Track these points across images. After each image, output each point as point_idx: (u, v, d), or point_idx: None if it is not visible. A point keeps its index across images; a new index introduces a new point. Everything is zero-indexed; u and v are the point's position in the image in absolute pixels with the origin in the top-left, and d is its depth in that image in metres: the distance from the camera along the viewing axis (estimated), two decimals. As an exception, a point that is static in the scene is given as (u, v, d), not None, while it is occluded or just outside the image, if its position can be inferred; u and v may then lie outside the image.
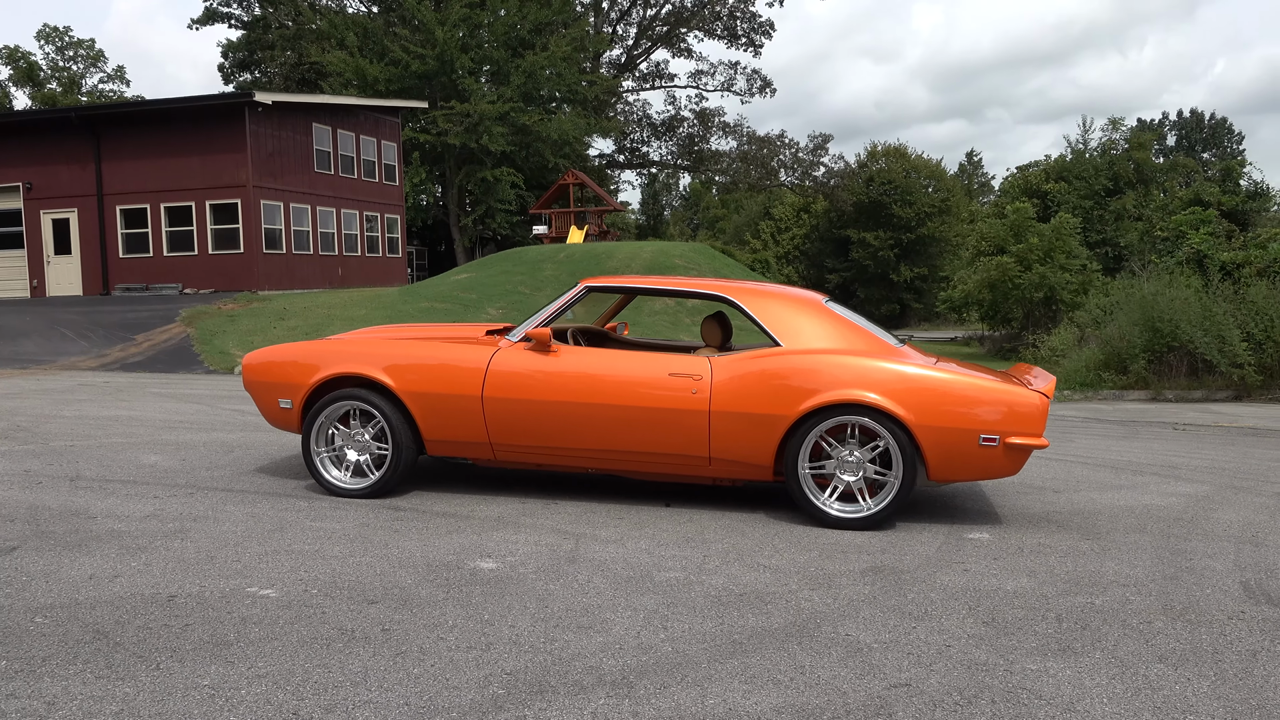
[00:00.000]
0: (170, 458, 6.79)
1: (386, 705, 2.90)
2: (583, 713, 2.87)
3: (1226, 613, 3.89)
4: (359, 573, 4.18)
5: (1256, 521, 5.58)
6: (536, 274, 21.51)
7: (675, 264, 22.19)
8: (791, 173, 51.88)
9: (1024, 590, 4.14)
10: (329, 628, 3.52)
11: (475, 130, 34.84)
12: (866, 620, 3.72)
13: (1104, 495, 6.28)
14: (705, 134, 52.15)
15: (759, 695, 3.00)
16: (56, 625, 3.49)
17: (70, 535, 4.68)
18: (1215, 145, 72.59)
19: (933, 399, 5.08)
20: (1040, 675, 3.21)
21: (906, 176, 52.86)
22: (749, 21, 52.54)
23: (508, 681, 3.08)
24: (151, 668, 3.14)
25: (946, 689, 3.08)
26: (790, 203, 58.30)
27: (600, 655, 3.31)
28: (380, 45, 36.52)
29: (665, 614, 3.75)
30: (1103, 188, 36.80)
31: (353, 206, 26.68)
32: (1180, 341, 13.82)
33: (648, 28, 52.53)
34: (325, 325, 18.04)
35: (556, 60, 37.00)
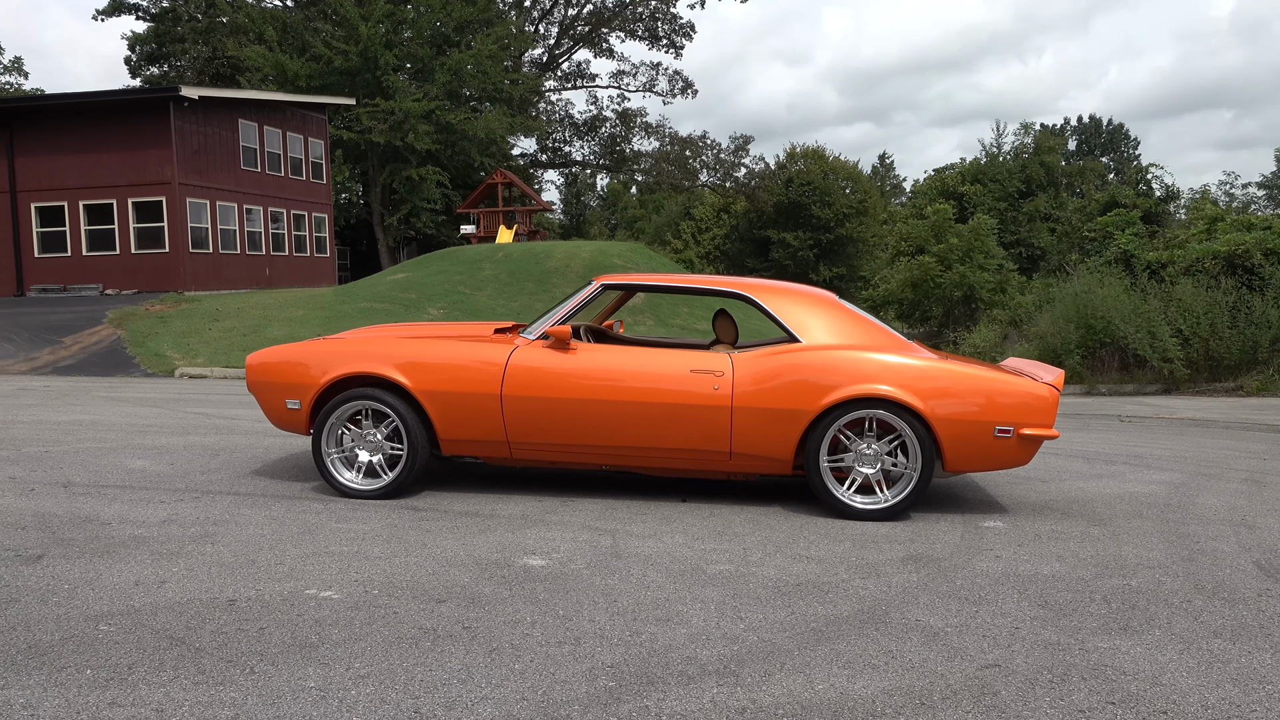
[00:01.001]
0: (156, 462, 6.60)
1: (504, 700, 2.90)
2: (701, 701, 2.92)
3: (1254, 590, 4.12)
4: (410, 573, 4.15)
5: (1239, 506, 5.89)
6: (475, 274, 21.34)
7: (614, 263, 22.24)
8: (713, 173, 52.39)
9: (1060, 574, 4.32)
10: (409, 627, 3.49)
11: (400, 128, 34.33)
12: (928, 606, 3.84)
13: (1089, 484, 6.54)
14: (627, 134, 52.35)
15: (863, 680, 3.09)
16: (125, 632, 3.40)
17: (93, 542, 4.54)
18: (1113, 149, 75.56)
19: (950, 392, 5.24)
20: (1114, 653, 3.36)
21: (825, 178, 53.81)
22: (670, 23, 52.85)
23: (613, 674, 3.11)
24: (245, 672, 3.08)
25: (1035, 668, 3.21)
26: (710, 203, 58.86)
27: (691, 646, 3.36)
28: (301, 40, 35.74)
29: (734, 605, 3.81)
30: (1016, 190, 38.03)
31: (280, 205, 26.09)
32: (1113, 337, 14.40)
33: (569, 27, 52.49)
34: (262, 326, 17.64)
35: (481, 58, 36.72)
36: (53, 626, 3.45)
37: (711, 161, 51.76)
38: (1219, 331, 13.94)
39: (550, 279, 21.08)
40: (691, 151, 51.29)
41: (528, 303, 19.99)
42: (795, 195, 52.50)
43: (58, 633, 3.39)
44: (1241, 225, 16.87)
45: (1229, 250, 15.18)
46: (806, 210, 52.41)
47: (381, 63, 34.55)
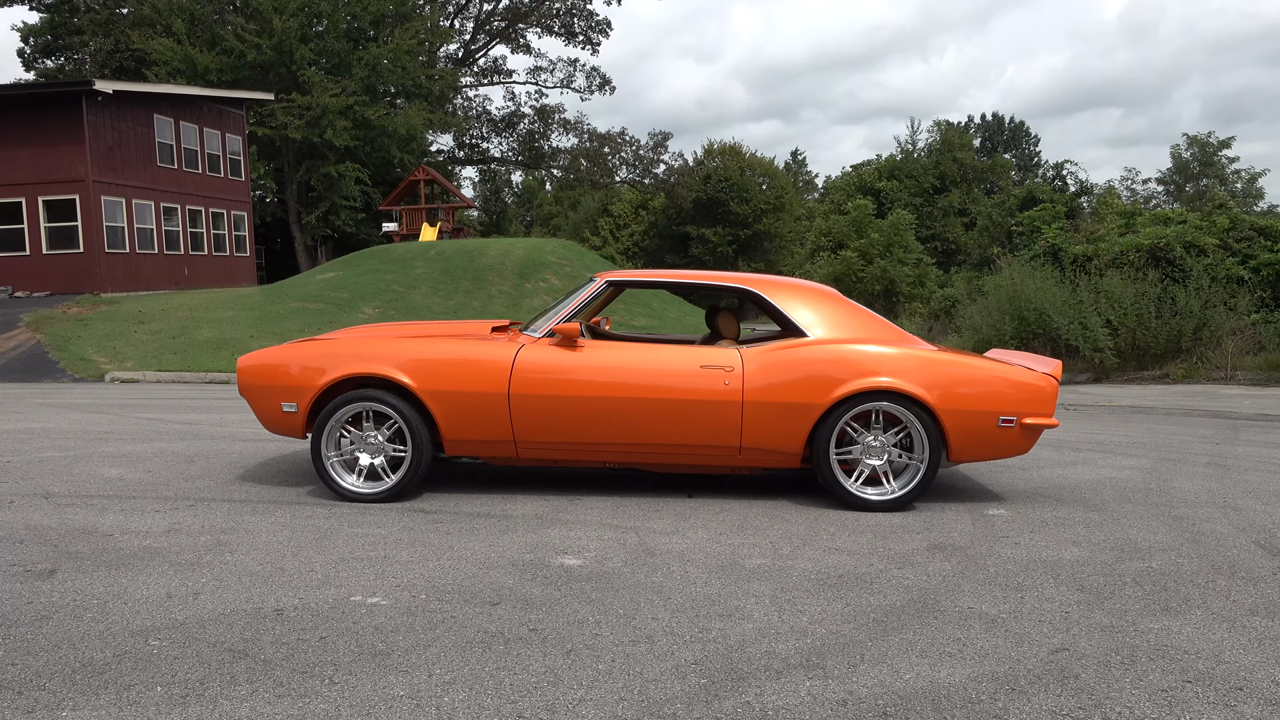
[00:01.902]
0: (132, 470, 6.35)
1: (604, 701, 2.88)
2: (798, 694, 2.93)
3: (1268, 570, 4.31)
4: (450, 576, 4.08)
5: (1215, 489, 6.15)
6: (408, 272, 21.00)
7: (549, 260, 22.12)
8: (632, 170, 52.48)
9: (1083, 559, 4.45)
10: (474, 631, 3.44)
11: (318, 124, 33.61)
12: (973, 594, 3.92)
13: (1067, 471, 6.76)
14: (545, 131, 52.11)
15: (946, 668, 3.15)
16: (179, 647, 3.27)
17: (102, 555, 4.35)
18: (1015, 146, 77.90)
19: (955, 383, 5.36)
20: (1168, 633, 3.48)
21: (742, 174, 54.40)
22: (586, 19, 52.70)
23: (700, 671, 3.11)
24: (325, 683, 2.99)
25: (1103, 650, 3.31)
26: (629, 199, 59.03)
27: (764, 640, 3.37)
28: (211, 33, 34.68)
29: (788, 598, 3.84)
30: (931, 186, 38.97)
31: (198, 203, 25.26)
32: (1046, 328, 14.88)
33: (485, 22, 52.00)
34: (191, 328, 17.10)
35: (400, 53, 36.16)
36: (99, 643, 3.30)
37: (630, 158, 51.85)
38: (1146, 322, 14.52)
39: (486, 277, 20.87)
40: (610, 148, 51.31)
41: (464, 300, 19.77)
42: (713, 191, 52.95)
43: (108, 650, 3.24)
44: (1159, 219, 17.59)
45: (1151, 243, 15.82)
46: (725, 206, 52.91)
47: (297, 57, 33.77)
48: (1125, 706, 2.86)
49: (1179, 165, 44.81)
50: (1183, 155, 45.01)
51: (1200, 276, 14.87)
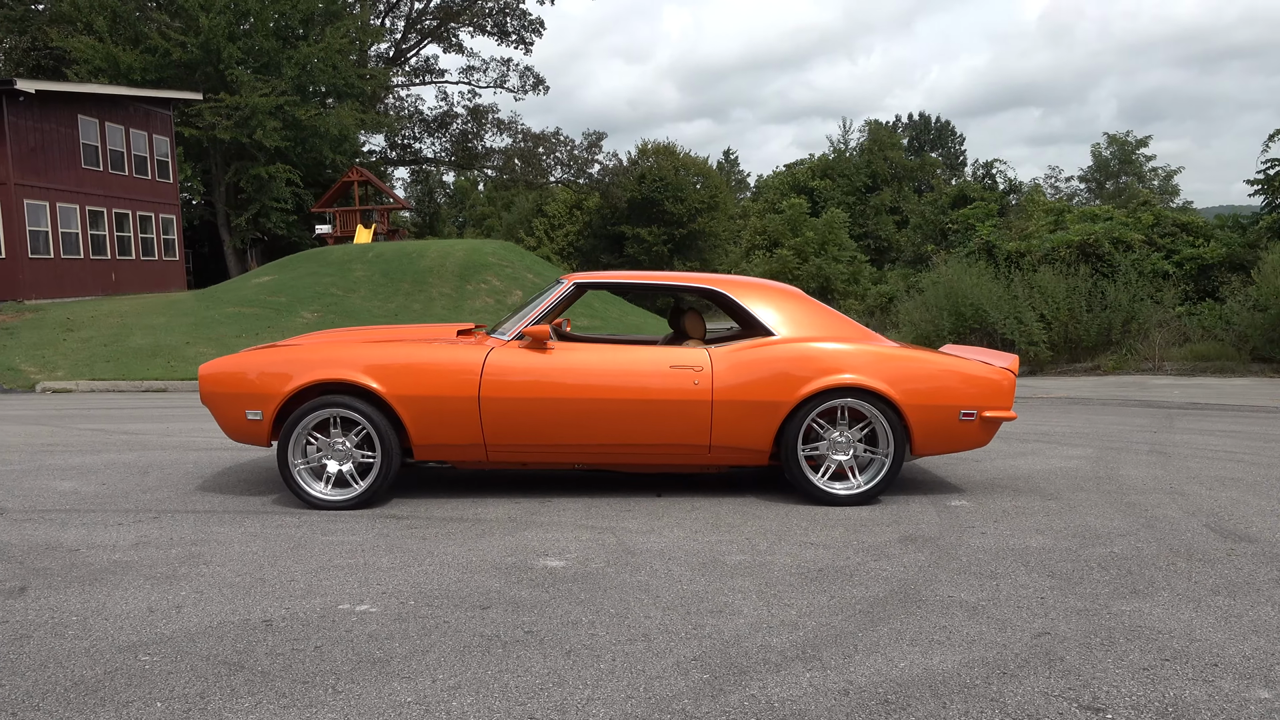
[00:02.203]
0: (85, 483, 6.20)
1: (613, 700, 2.91)
2: (800, 685, 3.00)
3: (1222, 551, 4.51)
4: (434, 582, 4.07)
5: (1159, 476, 6.39)
6: (346, 275, 20.72)
7: (489, 261, 22.00)
8: (567, 170, 52.39)
9: (1048, 546, 4.61)
10: (469, 635, 3.44)
11: (247, 124, 32.93)
12: (950, 583, 4.04)
13: (1017, 461, 6.96)
14: (479, 131, 51.79)
15: (937, 655, 3.24)
16: (171, 661, 3.22)
17: (71, 570, 4.25)
18: (941, 145, 79.51)
19: (919, 379, 5.49)
20: (1140, 615, 3.63)
21: (676, 174, 54.65)
22: (519, 18, 52.45)
23: (700, 666, 3.16)
24: (329, 692, 2.98)
25: (1082, 632, 3.44)
26: (563, 199, 58.99)
27: (758, 634, 3.44)
28: (134, 31, 33.78)
29: (773, 593, 3.91)
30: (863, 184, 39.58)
31: (125, 206, 24.60)
32: (983, 323, 15.25)
33: (416, 21, 51.50)
34: (123, 336, 16.67)
35: (331, 52, 35.61)
36: (87, 661, 3.23)
37: (565, 158, 51.76)
38: (1078, 315, 14.97)
39: (426, 279, 20.69)
40: (545, 148, 51.16)
41: (405, 303, 19.58)
42: (648, 191, 53.11)
43: (97, 667, 3.18)
44: (1087, 216, 18.12)
45: (1081, 240, 16.30)
46: (659, 206, 53.11)
47: (224, 56, 33.06)
48: (1111, 685, 2.99)
49: (1099, 163, 46.20)
50: (1103, 154, 46.41)
51: (1128, 271, 15.38)
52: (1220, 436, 8.22)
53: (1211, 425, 8.99)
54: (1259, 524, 5.03)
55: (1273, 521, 5.09)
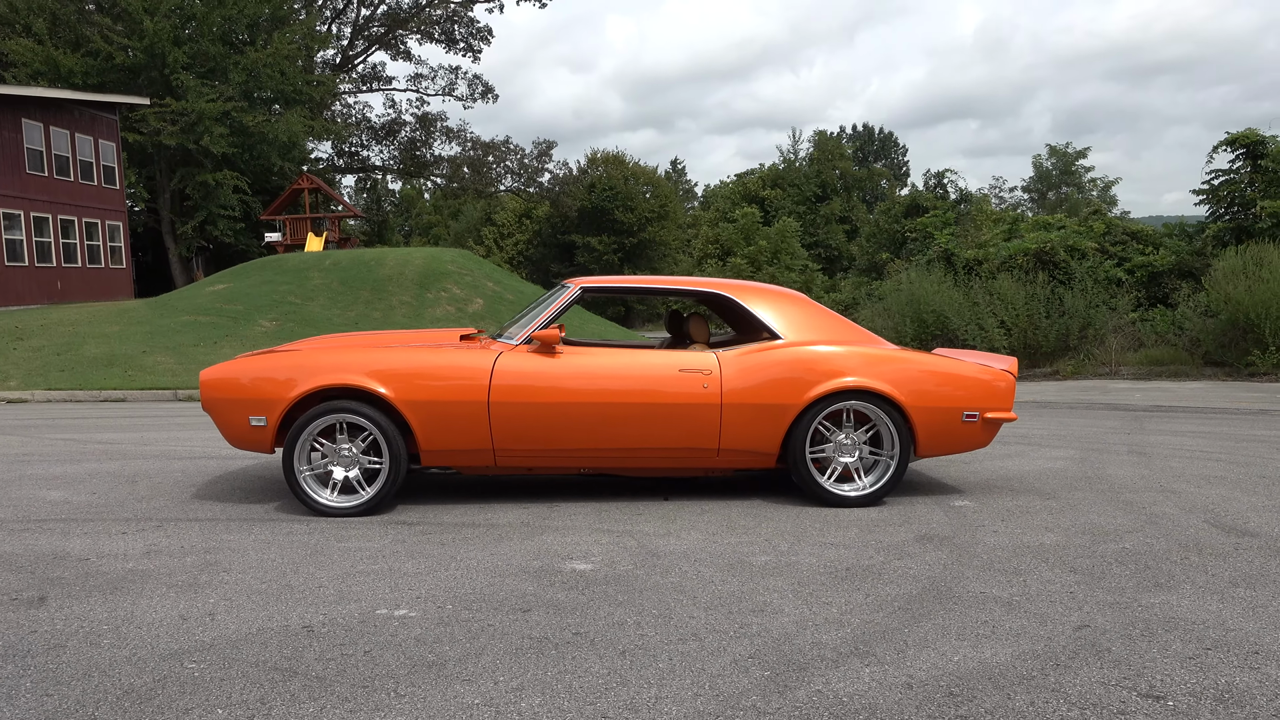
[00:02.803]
0: (75, 492, 6.05)
1: (681, 698, 2.92)
2: (862, 680, 3.03)
3: (1229, 545, 4.65)
4: (466, 586, 4.04)
5: (1147, 475, 6.56)
6: (304, 283, 20.42)
7: (448, 269, 21.83)
8: (517, 178, 52.24)
9: (1061, 544, 4.71)
10: (518, 638, 3.43)
11: (193, 130, 32.34)
12: (978, 580, 4.11)
13: (1005, 463, 7.09)
14: (427, 138, 51.47)
15: (988, 648, 3.30)
16: (221, 668, 3.16)
17: (89, 580, 4.15)
18: (885, 155, 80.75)
19: (923, 381, 5.58)
20: (1169, 606, 3.73)
21: (626, 183, 54.75)
22: (467, 26, 52.21)
23: (758, 663, 3.18)
24: (392, 695, 2.95)
25: (1120, 624, 3.52)
26: (512, 208, 58.81)
27: (807, 631, 3.47)
28: (75, 34, 33.01)
29: (809, 592, 3.94)
30: (813, 194, 40.02)
31: (71, 212, 24.00)
32: (945, 330, 15.52)
33: (363, 28, 51.04)
34: (76, 345, 16.26)
35: (280, 58, 35.12)
36: (132, 669, 3.16)
37: (515, 166, 51.63)
38: (1037, 322, 15.29)
39: (385, 287, 20.48)
40: (495, 157, 51.00)
41: (364, 311, 19.37)
42: (598, 200, 53.14)
43: (145, 675, 3.11)
44: (1041, 225, 18.53)
45: (1037, 248, 16.66)
46: (610, 215, 53.14)
47: (170, 60, 32.45)
48: (1163, 674, 3.07)
49: (1041, 174, 47.27)
50: (1044, 164, 47.49)
51: (1084, 278, 15.75)
52: (1191, 437, 8.45)
53: (1179, 427, 9.24)
54: (1255, 519, 5.19)
55: (1268, 517, 5.25)
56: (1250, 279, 13.68)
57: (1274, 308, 13.34)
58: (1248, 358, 13.68)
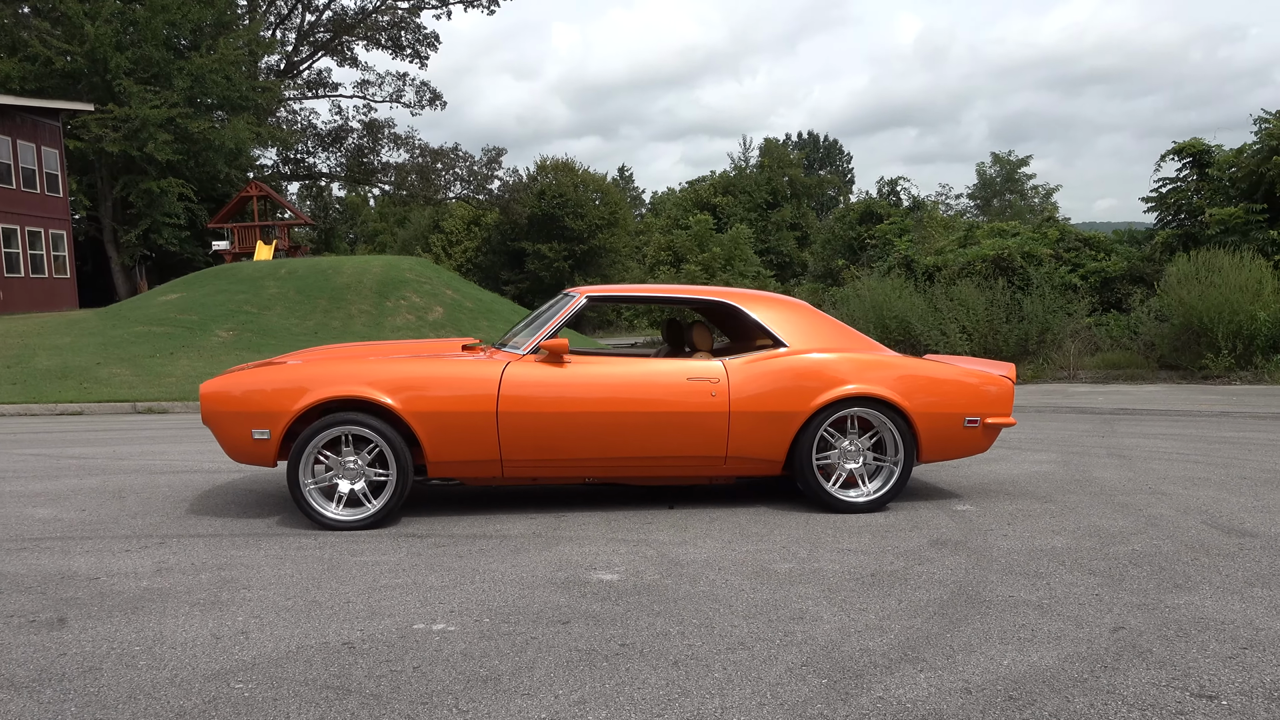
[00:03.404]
0: (64, 509, 5.89)
1: (746, 708, 2.92)
2: (920, 686, 3.07)
3: (1233, 546, 4.78)
4: (498, 598, 4.01)
5: (1132, 478, 6.71)
6: (260, 292, 20.09)
7: (407, 278, 21.62)
8: (467, 185, 51.92)
9: (1072, 547, 4.80)
10: (565, 650, 3.40)
11: (137, 137, 31.64)
12: (1003, 584, 4.17)
13: (993, 467, 7.21)
14: (375, 145, 50.97)
15: (1034, 652, 3.35)
16: (270, 688, 3.10)
17: (104, 600, 4.04)
18: (830, 163, 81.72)
19: (926, 387, 5.66)
20: (1194, 606, 3.82)
21: (576, 190, 54.70)
22: (414, 32, 51.81)
23: (813, 671, 3.19)
24: (455, 712, 2.91)
25: (1153, 625, 3.60)
26: (461, 215, 58.48)
27: (851, 638, 3.50)
28: (11, 38, 32.14)
29: (842, 598, 3.97)
30: (764, 201, 40.34)
31: (13, 220, 23.34)
32: (908, 335, 15.73)
33: (308, 34, 50.41)
34: (26, 357, 15.83)
35: (225, 64, 34.53)
36: (176, 690, 3.08)
37: (465, 173, 51.31)
38: (997, 327, 15.56)
39: (344, 296, 20.22)
40: (444, 163, 50.65)
41: (323, 320, 19.11)
42: (548, 207, 53.02)
43: (193, 696, 3.03)
44: (997, 231, 18.89)
45: (996, 254, 16.97)
46: (560, 222, 53.05)
47: (112, 66, 31.74)
48: (1209, 674, 3.14)
49: (985, 181, 48.21)
50: (988, 172, 48.45)
51: (1042, 284, 16.07)
52: (1164, 439, 8.67)
53: (1150, 429, 9.47)
54: (1250, 520, 5.34)
55: (1261, 517, 5.41)
56: (1203, 284, 14.07)
57: (1226, 312, 13.74)
58: (1201, 361, 14.07)
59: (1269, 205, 16.15)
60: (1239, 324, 13.66)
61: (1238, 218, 16.07)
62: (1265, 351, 13.74)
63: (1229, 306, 13.71)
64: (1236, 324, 13.68)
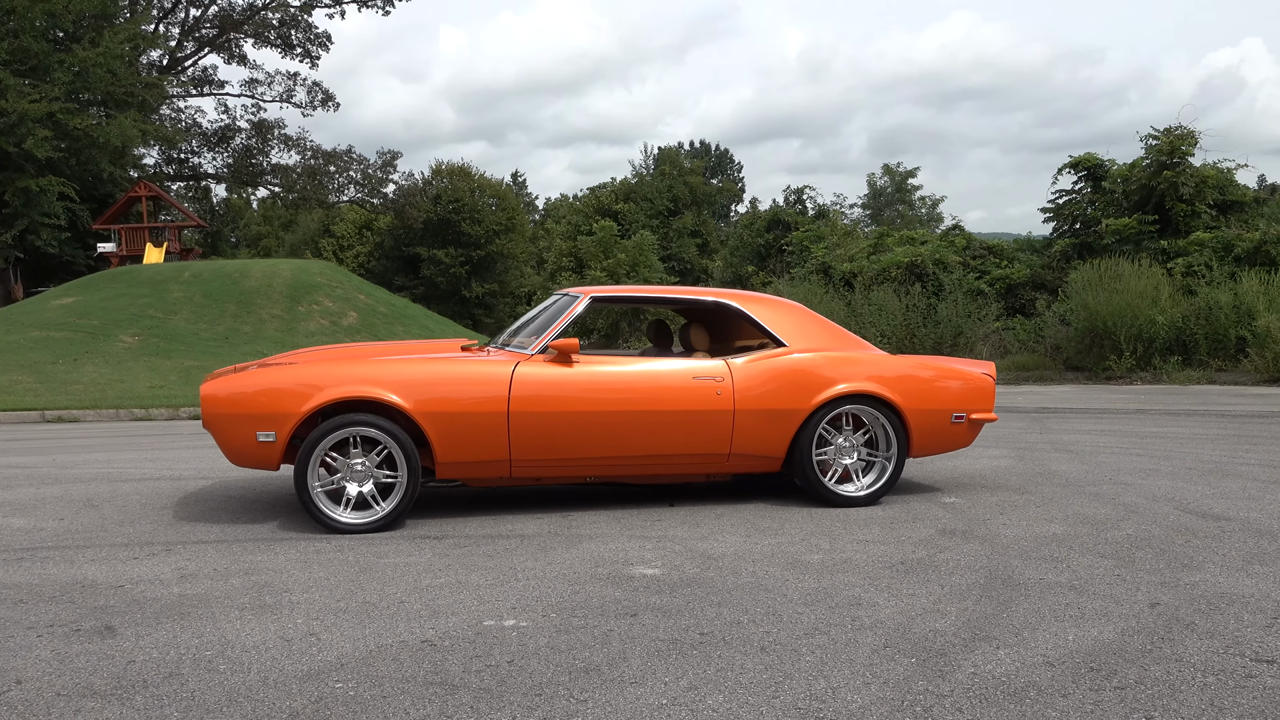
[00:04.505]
0: (37, 519, 5.63)
1: (853, 687, 3.03)
2: (1004, 661, 3.23)
3: (1214, 529, 5.13)
4: (553, 594, 4.03)
5: (1089, 471, 7.11)
6: (163, 296, 19.32)
7: (318, 281, 21.10)
8: (361, 189, 50.88)
9: (1071, 534, 5.08)
10: (651, 641, 3.46)
11: (13, 132, 30.02)
12: (1025, 567, 4.40)
13: (955, 462, 7.52)
14: (264, 146, 49.48)
15: (1092, 628, 3.56)
16: (372, 686, 3.06)
17: (143, 607, 3.90)
18: (722, 171, 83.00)
19: (916, 384, 5.90)
20: (1211, 583, 4.11)
21: (473, 195, 54.14)
22: (305, 31, 50.52)
23: (898, 651, 3.33)
24: (574, 701, 2.94)
25: (1184, 600, 3.87)
26: (352, 219, 57.29)
27: (917, 621, 3.65)
28: (-126, 25, 30.12)
29: (886, 585, 4.13)
30: (665, 208, 40.75)
31: (-116, 219, 21.85)
32: (830, 340, 16.14)
33: (194, 29, 48.70)
34: (-85, 363, 14.89)
35: (110, 57, 33.05)
36: (277, 692, 3.02)
37: (359, 176, 50.28)
38: (914, 331, 16.14)
39: (253, 300, 19.64)
40: (337, 166, 49.54)
41: (233, 325, 18.53)
42: (444, 212, 52.34)
43: (298, 697, 2.98)
44: (907, 240, 19.57)
45: (910, 260, 17.59)
46: (456, 227, 52.42)
47: (-14, 57, 30.02)
48: (1257, 642, 3.40)
49: (875, 192, 49.78)
50: (878, 183, 50.05)
51: (954, 290, 16.74)
52: (1097, 435, 9.17)
53: (1079, 426, 10.00)
54: (1216, 505, 5.74)
55: (1224, 503, 5.81)
56: (1107, 290, 14.88)
57: (1128, 316, 14.57)
58: (1105, 362, 14.88)
59: (1159, 216, 17.20)
60: (1139, 327, 14.50)
61: (1131, 228, 17.05)
62: (1163, 353, 14.62)
63: (1130, 311, 14.53)
64: (1137, 328, 14.52)
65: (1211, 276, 15.19)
